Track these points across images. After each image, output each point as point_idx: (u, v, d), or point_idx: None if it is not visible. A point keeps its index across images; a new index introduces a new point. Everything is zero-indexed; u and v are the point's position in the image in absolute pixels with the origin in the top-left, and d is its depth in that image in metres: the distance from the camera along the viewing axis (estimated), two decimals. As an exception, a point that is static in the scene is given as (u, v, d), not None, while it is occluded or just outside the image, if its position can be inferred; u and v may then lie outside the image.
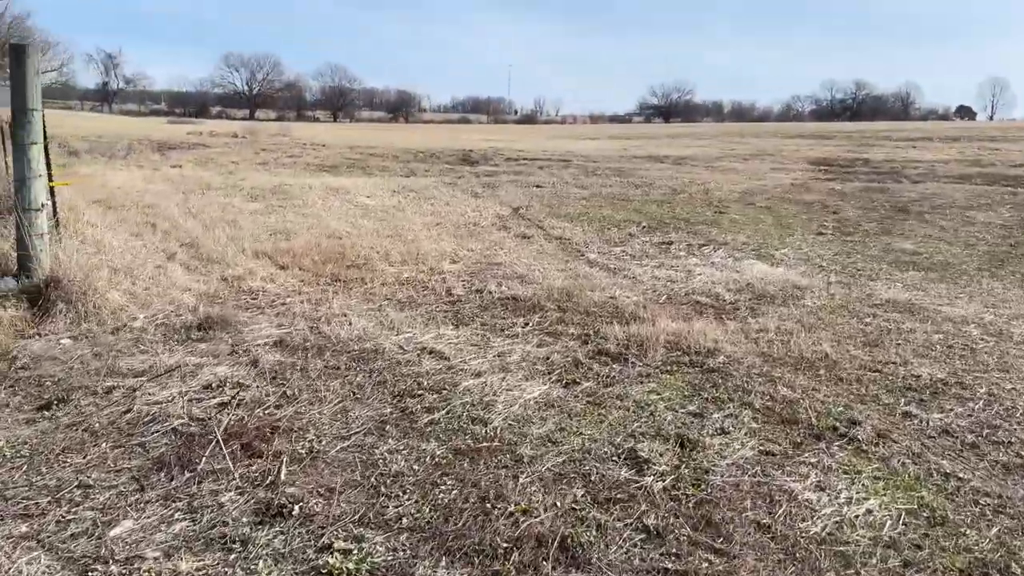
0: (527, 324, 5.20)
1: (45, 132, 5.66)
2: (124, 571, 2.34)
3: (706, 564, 2.45)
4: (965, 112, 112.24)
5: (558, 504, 2.78)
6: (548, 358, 4.47)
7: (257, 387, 3.86)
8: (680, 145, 31.69)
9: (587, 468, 3.08)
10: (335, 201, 11.18)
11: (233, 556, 2.44)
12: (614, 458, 3.18)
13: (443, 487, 2.89)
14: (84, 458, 3.02)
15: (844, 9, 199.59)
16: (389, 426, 3.46)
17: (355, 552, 2.47)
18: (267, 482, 2.89)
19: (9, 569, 2.31)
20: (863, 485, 2.99)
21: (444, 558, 2.44)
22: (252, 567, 2.39)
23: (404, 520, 2.66)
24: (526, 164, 20.42)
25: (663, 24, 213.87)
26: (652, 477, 3.00)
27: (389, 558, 2.44)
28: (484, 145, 29.05)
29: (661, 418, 3.61)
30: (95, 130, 31.35)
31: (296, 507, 2.71)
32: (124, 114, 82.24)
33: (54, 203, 5.77)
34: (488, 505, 2.76)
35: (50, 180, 5.71)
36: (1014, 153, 21.92)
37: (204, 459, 3.02)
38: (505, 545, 2.50)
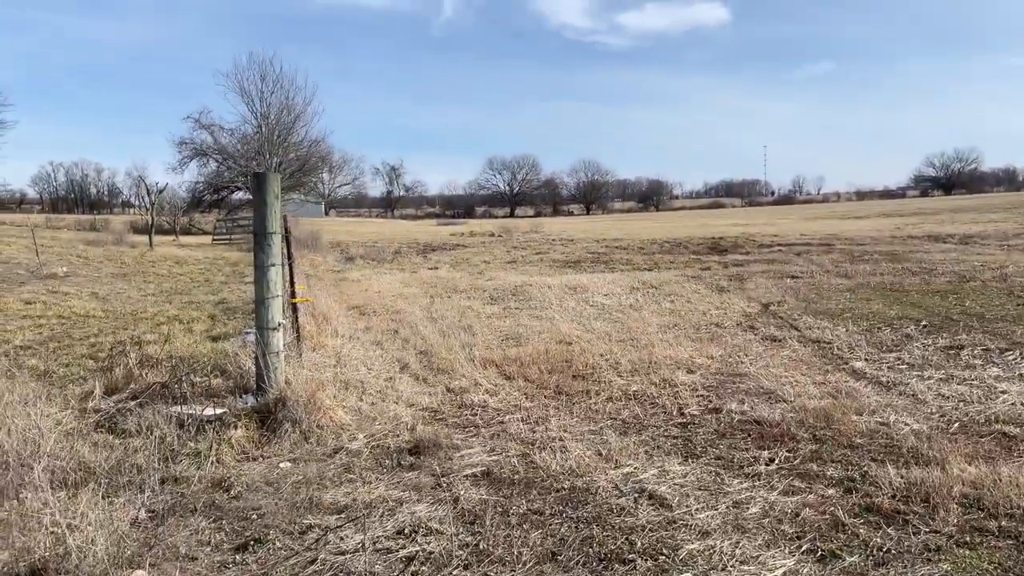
0: (772, 460, 4.31)
1: (291, 252, 6.04)
2: None
3: None
4: None
5: None
6: (798, 514, 3.57)
7: (450, 536, 3.46)
8: (966, 220, 27.86)
9: None
10: (571, 301, 10.96)
11: None
12: None
13: None
14: (254, 622, 2.79)
15: None
16: (588, 607, 2.84)
17: None
18: None
19: None
20: None
21: None
22: None
23: None
24: (781, 251, 18.99)
25: (941, 87, 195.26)
26: None
27: None
28: (735, 231, 27.84)
29: (962, 630, 2.59)
30: (372, 235, 35.23)
31: None
32: (403, 218, 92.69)
33: (296, 318, 6.08)
34: None
35: (292, 297, 6.05)
36: None
37: (369, 639, 2.63)
38: None
